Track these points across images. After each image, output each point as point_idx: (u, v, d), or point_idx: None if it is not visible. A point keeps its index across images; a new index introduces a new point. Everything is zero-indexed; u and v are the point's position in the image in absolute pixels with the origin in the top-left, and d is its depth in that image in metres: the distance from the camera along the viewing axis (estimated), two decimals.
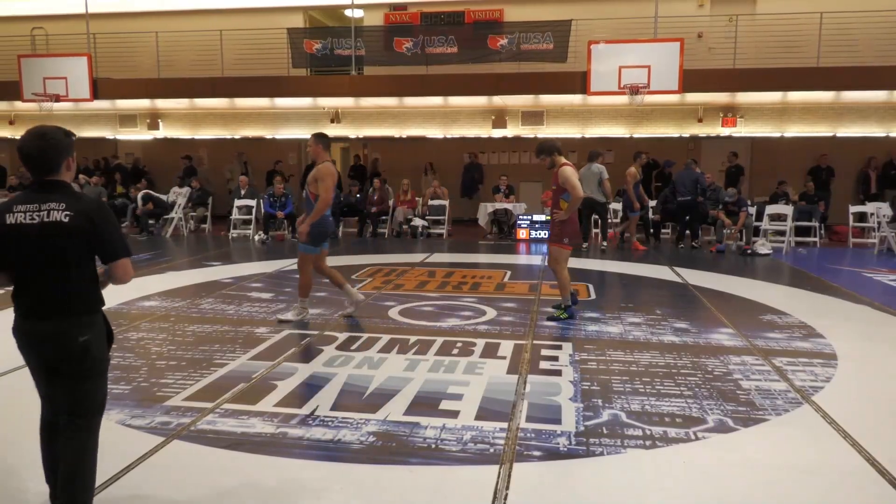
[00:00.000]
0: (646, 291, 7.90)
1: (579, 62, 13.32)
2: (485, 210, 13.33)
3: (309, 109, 16.51)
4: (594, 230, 12.15)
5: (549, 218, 13.00)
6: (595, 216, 11.75)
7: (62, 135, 2.53)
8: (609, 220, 11.65)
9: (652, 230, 12.54)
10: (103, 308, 2.58)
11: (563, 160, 6.16)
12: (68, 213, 2.45)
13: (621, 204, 12.37)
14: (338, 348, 5.30)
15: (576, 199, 6.02)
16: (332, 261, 10.23)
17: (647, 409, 4.03)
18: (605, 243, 11.13)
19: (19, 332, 2.52)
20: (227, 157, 16.82)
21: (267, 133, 17.09)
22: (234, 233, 13.28)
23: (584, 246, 11.42)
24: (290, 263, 9.72)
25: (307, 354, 5.14)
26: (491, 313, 6.53)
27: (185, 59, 15.38)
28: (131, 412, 3.97)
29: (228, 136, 17.26)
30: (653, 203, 12.87)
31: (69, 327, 2.48)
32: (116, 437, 3.62)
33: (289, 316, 6.16)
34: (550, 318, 6.17)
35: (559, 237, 6.15)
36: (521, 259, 10.46)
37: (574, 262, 10.13)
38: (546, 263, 6.42)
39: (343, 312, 6.38)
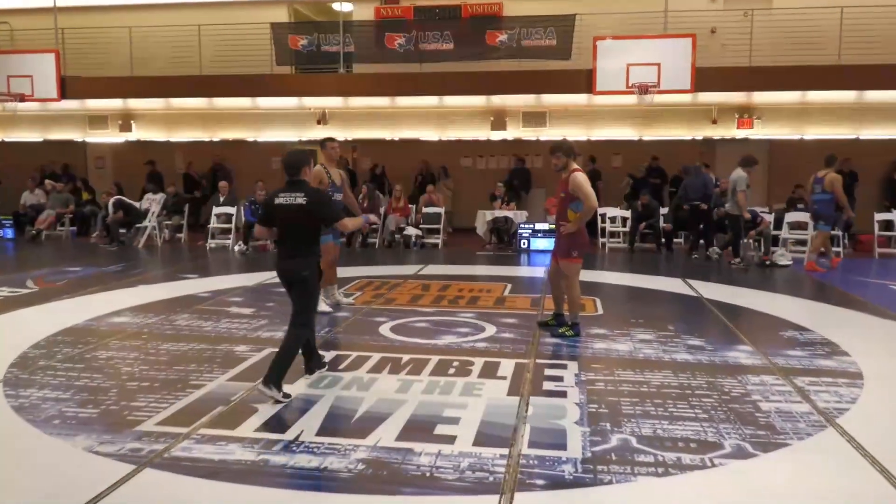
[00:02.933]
0: (657, 306, 7.89)
1: (584, 59, 13.38)
2: (483, 218, 13.33)
3: (294, 110, 16.52)
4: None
5: (552, 227, 13.14)
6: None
7: (304, 153, 4.90)
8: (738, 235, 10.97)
9: (663, 239, 12.57)
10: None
11: (576, 165, 6.16)
12: (305, 199, 4.69)
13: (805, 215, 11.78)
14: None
15: (588, 209, 5.98)
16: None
17: (659, 434, 4.02)
18: (738, 260, 10.72)
19: (276, 266, 4.86)
20: (205, 160, 16.80)
21: (248, 135, 17.10)
22: (212, 243, 13.26)
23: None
24: (272, 276, 9.69)
25: (291, 375, 5.10)
26: (490, 330, 6.52)
27: (160, 55, 15.40)
28: (99, 438, 3.93)
29: (206, 139, 17.25)
30: (664, 211, 12.90)
31: (297, 265, 4.72)
32: (83, 465, 3.59)
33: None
34: (555, 336, 6.16)
35: (567, 250, 6.10)
36: (523, 271, 10.47)
37: (581, 275, 10.12)
38: (546, 276, 6.39)
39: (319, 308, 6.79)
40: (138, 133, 17.40)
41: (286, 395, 4.58)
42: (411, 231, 13.24)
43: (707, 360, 5.55)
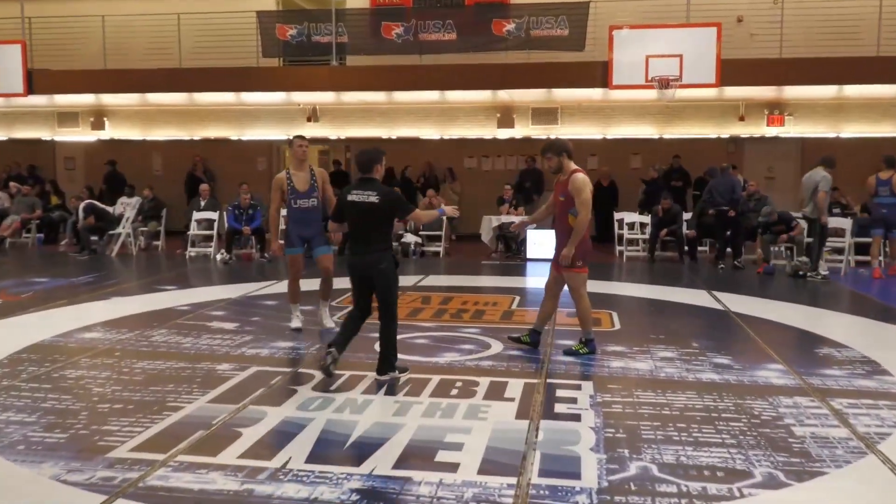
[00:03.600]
0: (680, 320, 7.89)
1: (599, 51, 13.42)
2: (489, 224, 13.32)
3: (282, 106, 16.59)
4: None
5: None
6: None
7: (376, 151, 5.50)
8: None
9: (687, 247, 12.57)
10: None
11: (574, 166, 6.13)
12: (378, 196, 5.33)
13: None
14: (315, 388, 5.28)
15: (580, 223, 5.93)
16: (308, 284, 10.22)
17: (682, 461, 4.01)
18: (824, 272, 10.59)
19: (348, 261, 5.50)
20: (185, 161, 16.84)
21: (232, 134, 17.16)
22: (191, 251, 13.29)
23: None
24: (257, 288, 9.71)
25: (278, 396, 5.11)
26: (496, 347, 6.52)
27: (135, 47, 15.48)
28: (68, 465, 3.93)
29: (186, 138, 17.32)
30: (687, 216, 12.91)
31: (373, 260, 5.37)
32: (50, 496, 3.58)
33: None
34: (568, 353, 6.16)
35: (571, 262, 6.08)
36: (532, 282, 10.47)
37: (595, 287, 10.12)
38: (546, 286, 6.36)
39: (291, 325, 6.98)
40: (112, 131, 17.47)
41: (403, 370, 5.56)
42: (410, 238, 13.26)
43: (735, 379, 5.54)
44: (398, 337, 5.61)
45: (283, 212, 7.21)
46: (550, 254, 6.42)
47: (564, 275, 6.13)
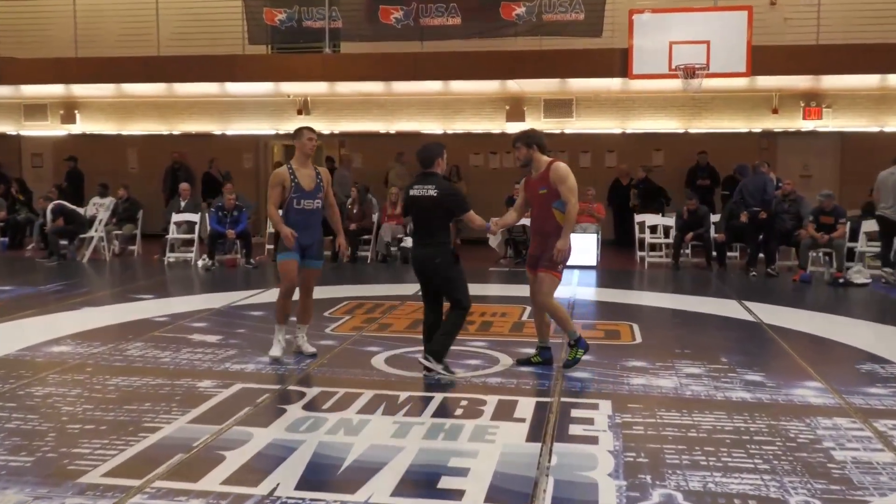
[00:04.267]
0: (708, 333, 7.87)
1: (618, 37, 13.43)
2: None
3: (270, 98, 16.62)
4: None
5: (587, 233, 13.13)
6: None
7: (437, 146, 6.14)
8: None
9: (715, 253, 12.55)
10: None
11: (549, 157, 6.08)
12: (437, 190, 5.93)
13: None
14: (305, 408, 5.27)
15: (570, 215, 5.91)
16: (296, 293, 10.20)
17: (710, 489, 4.00)
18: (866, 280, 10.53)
19: (411, 255, 6.25)
20: (163, 157, 16.86)
21: (215, 128, 17.20)
22: (170, 256, 13.31)
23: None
24: (243, 297, 9.72)
25: (265, 416, 5.11)
26: (506, 361, 6.51)
27: (109, 33, 15.53)
28: (34, 491, 3.93)
29: (165, 132, 17.36)
30: (716, 218, 12.89)
31: (429, 253, 5.97)
32: None
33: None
34: (567, 366, 6.14)
35: (553, 262, 6.03)
36: None
37: (614, 296, 10.12)
38: (531, 294, 6.33)
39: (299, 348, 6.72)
40: (83, 125, 17.52)
41: (448, 370, 5.93)
42: (410, 243, 13.25)
43: (768, 398, 5.53)
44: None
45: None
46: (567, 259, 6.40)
47: (539, 275, 6.10)
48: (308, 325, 6.84)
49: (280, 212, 6.60)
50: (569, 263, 6.32)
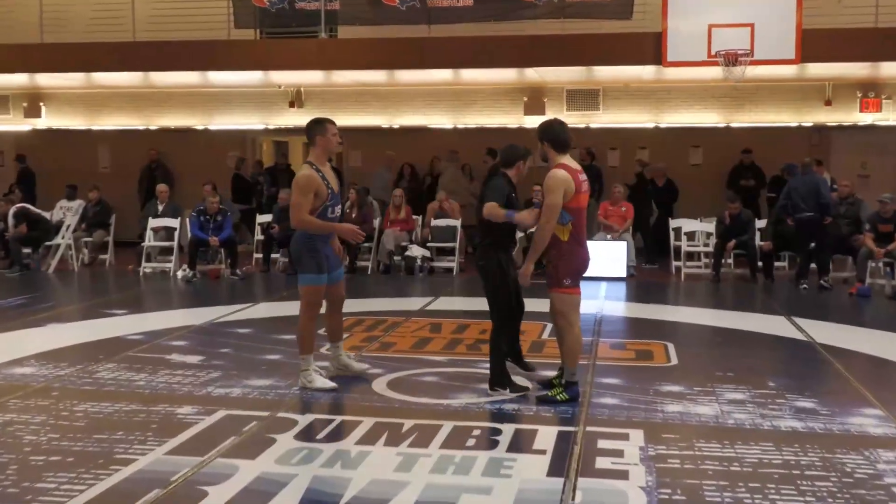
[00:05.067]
0: (753, 353, 7.84)
1: (651, 20, 13.43)
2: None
3: (258, 88, 16.66)
4: None
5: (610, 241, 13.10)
6: None
7: (521, 149, 6.44)
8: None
9: (761, 262, 12.52)
10: None
11: (564, 160, 5.98)
12: (483, 189, 6.35)
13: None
14: (298, 437, 5.27)
15: (542, 227, 5.86)
16: (290, 307, 10.22)
17: None
18: None
19: None
20: (139, 155, 16.91)
21: (197, 122, 17.25)
22: (146, 267, 13.34)
23: None
24: (227, 312, 9.73)
25: (252, 446, 5.10)
26: (524, 383, 6.50)
27: (79, 16, 15.61)
28: None
29: (141, 127, 17.42)
30: (761, 224, 12.84)
31: (478, 255, 6.45)
32: None
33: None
34: (543, 401, 6.07)
35: (556, 278, 5.99)
36: None
37: (646, 311, 10.10)
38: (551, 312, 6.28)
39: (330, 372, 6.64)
40: (50, 120, 17.59)
41: (510, 386, 6.25)
42: (416, 251, 13.27)
43: (822, 428, 5.50)
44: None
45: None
46: (591, 269, 6.38)
47: (550, 295, 6.09)
48: (342, 340, 6.81)
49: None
50: (596, 274, 6.31)
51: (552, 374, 6.53)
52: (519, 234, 13.18)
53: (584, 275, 6.18)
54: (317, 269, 6.24)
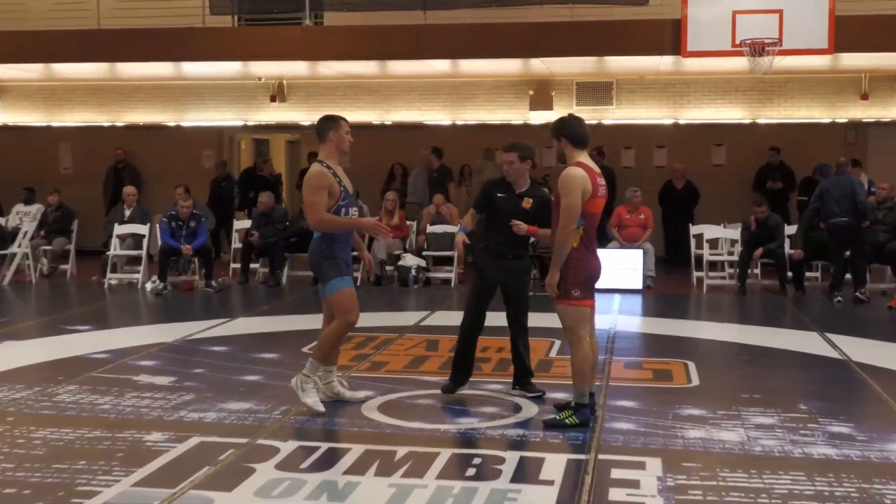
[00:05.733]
0: (782, 373, 7.84)
1: (669, 5, 13.46)
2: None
3: (236, 81, 16.66)
4: None
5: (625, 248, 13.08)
6: None
7: (531, 148, 6.89)
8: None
9: (791, 273, 12.51)
10: None
11: (582, 158, 6.01)
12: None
13: None
14: (279, 467, 5.26)
15: (558, 242, 5.87)
16: (271, 323, 10.22)
17: None
18: None
19: None
20: (105, 155, 16.91)
21: (169, 118, 17.24)
22: (112, 278, 13.33)
23: None
24: (202, 328, 9.71)
25: (229, 477, 5.09)
26: (529, 409, 6.49)
27: (38, 2, 15.62)
28: None
29: (106, 124, 17.41)
30: (791, 230, 12.85)
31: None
32: None
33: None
34: (550, 426, 6.07)
35: (564, 289, 5.95)
36: None
37: (665, 327, 10.09)
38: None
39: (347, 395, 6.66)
40: (5, 115, 17.57)
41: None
42: (410, 261, 13.27)
43: (859, 455, 5.49)
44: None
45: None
46: (604, 280, 6.38)
47: (556, 308, 6.07)
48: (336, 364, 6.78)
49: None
50: (609, 286, 6.30)
51: (564, 396, 6.53)
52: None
53: (596, 285, 6.17)
54: (338, 273, 6.31)
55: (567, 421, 6.03)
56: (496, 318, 7.05)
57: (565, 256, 5.92)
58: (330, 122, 6.55)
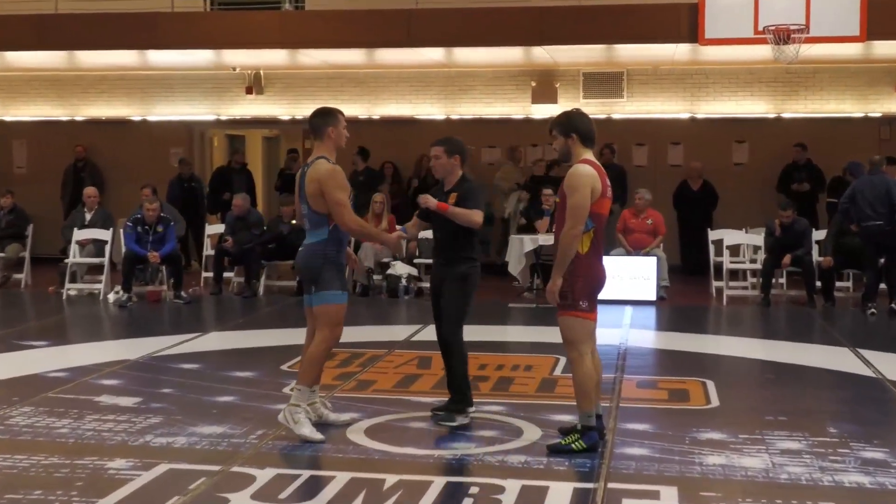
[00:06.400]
0: (810, 393, 7.85)
1: None
2: (519, 248, 13.28)
3: (208, 71, 16.66)
4: None
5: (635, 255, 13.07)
6: None
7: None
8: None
9: (819, 282, 12.51)
10: None
11: (588, 155, 6.05)
12: None
13: None
14: (256, 497, 5.25)
15: (563, 244, 5.87)
16: (247, 338, 10.21)
17: None
18: None
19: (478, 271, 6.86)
20: (63, 153, 16.89)
21: (134, 112, 17.24)
22: (71, 288, 13.31)
23: None
24: (170, 344, 9.70)
25: None
26: (532, 433, 6.48)
27: None
28: None
29: (64, 118, 17.40)
30: (820, 235, 12.85)
31: None
32: None
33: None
34: (554, 451, 6.06)
35: (571, 298, 5.93)
36: None
37: (681, 342, 10.09)
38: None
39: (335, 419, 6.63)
40: None
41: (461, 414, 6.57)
42: (400, 269, 13.26)
43: (894, 484, 5.51)
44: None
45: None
46: (613, 290, 6.39)
47: (558, 319, 6.06)
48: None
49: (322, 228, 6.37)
50: (619, 297, 6.31)
51: (570, 418, 6.53)
52: (528, 247, 13.25)
53: (601, 296, 6.17)
54: (341, 285, 6.38)
55: (573, 446, 6.01)
56: (492, 334, 7.06)
57: (569, 261, 5.91)
58: (328, 117, 6.49)
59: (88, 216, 13.84)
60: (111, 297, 12.71)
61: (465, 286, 6.65)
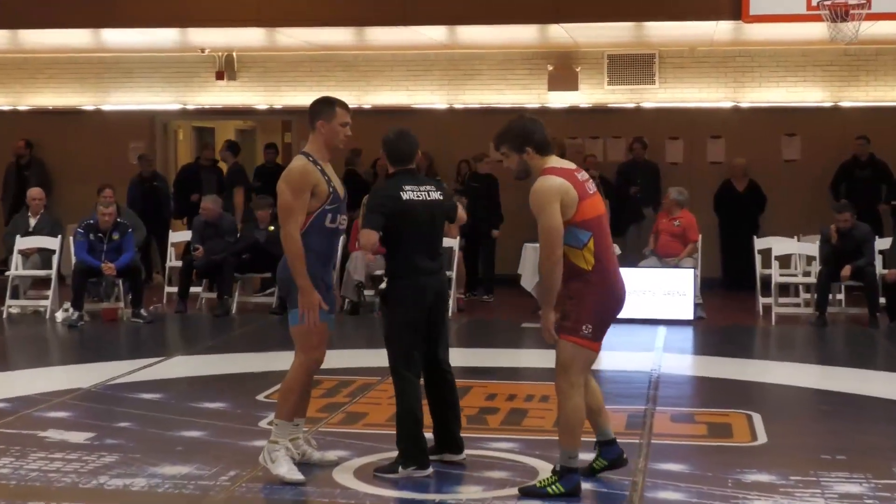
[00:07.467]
0: (873, 428, 7.84)
1: None
2: (534, 257, 13.32)
3: (172, 53, 16.69)
4: None
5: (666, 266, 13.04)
6: None
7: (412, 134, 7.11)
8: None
9: (883, 299, 12.49)
10: None
11: (550, 162, 6.03)
12: (440, 193, 6.67)
13: None
14: None
15: (544, 278, 5.90)
16: (218, 363, 10.21)
17: None
18: None
19: (418, 286, 6.74)
20: (4, 148, 16.95)
21: (87, 101, 17.26)
22: (13, 305, 13.33)
23: None
24: (128, 370, 9.70)
25: None
26: (548, 474, 6.49)
27: None
28: None
29: (7, 108, 17.41)
30: (884, 244, 12.84)
31: (444, 279, 7.27)
32: None
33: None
34: (527, 494, 6.04)
35: (574, 320, 5.91)
36: (611, 360, 10.41)
37: (722, 369, 10.08)
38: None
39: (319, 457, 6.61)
40: None
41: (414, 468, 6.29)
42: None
43: None
44: None
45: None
46: (644, 308, 6.39)
47: (559, 343, 5.99)
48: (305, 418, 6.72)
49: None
50: (650, 315, 6.31)
51: (583, 456, 6.53)
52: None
53: (617, 319, 6.13)
54: (321, 301, 6.22)
55: (549, 490, 5.94)
56: (502, 358, 7.05)
57: (555, 292, 5.84)
58: (324, 107, 6.44)
59: (33, 222, 13.85)
60: (59, 315, 12.70)
61: (388, 306, 7.11)
